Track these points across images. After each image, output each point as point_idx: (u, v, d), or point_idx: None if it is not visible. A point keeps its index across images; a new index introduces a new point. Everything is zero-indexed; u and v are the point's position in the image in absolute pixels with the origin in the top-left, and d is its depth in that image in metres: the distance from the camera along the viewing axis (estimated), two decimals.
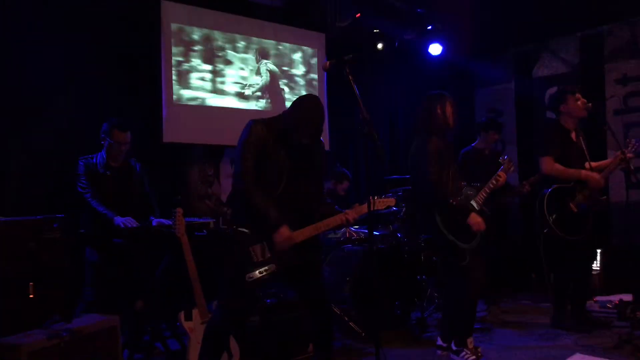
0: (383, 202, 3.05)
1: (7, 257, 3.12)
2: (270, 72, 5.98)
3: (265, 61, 5.94)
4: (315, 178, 3.07)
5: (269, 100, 5.91)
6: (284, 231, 2.85)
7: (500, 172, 3.76)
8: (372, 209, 2.80)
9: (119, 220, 3.66)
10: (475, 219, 3.55)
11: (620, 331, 4.14)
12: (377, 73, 6.91)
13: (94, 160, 3.90)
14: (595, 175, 4.18)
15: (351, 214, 3.00)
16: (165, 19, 5.17)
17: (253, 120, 2.96)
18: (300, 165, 2.97)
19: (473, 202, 3.68)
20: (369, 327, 4.24)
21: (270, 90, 5.97)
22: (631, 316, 4.26)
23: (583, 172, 4.18)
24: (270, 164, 2.90)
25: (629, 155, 4.26)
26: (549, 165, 4.22)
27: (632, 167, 4.24)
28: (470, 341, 3.70)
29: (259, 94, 5.87)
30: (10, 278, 3.14)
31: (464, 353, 3.68)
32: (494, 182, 3.74)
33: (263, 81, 5.92)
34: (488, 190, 3.74)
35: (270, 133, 2.92)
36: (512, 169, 3.86)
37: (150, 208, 4.01)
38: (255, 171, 2.87)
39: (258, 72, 5.88)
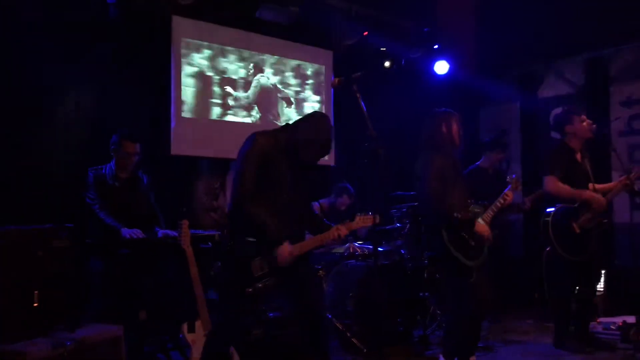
0: (366, 220, 3.05)
1: (14, 264, 3.15)
2: (278, 88, 6.05)
3: (273, 77, 6.01)
4: (309, 191, 3.10)
5: (275, 115, 5.97)
6: (287, 247, 2.87)
7: (507, 192, 3.77)
8: (356, 227, 2.84)
9: (125, 232, 3.68)
10: (482, 227, 3.56)
11: (624, 353, 4.12)
12: (383, 91, 6.96)
13: (103, 171, 3.94)
14: (600, 197, 4.18)
15: (342, 229, 3.03)
16: (175, 34, 5.24)
17: (256, 133, 2.99)
18: (299, 179, 3.00)
19: (480, 220, 3.69)
20: (371, 343, 4.24)
21: (278, 105, 6.02)
22: (634, 338, 4.24)
23: (586, 192, 4.19)
24: (272, 177, 2.92)
25: (634, 180, 4.28)
26: (553, 184, 4.23)
27: (636, 189, 4.26)
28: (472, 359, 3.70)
29: (265, 108, 5.92)
30: (17, 285, 3.16)
31: None
32: (501, 200, 3.75)
33: (270, 97, 5.98)
34: (495, 209, 3.74)
35: (274, 146, 2.94)
36: (519, 188, 3.86)
37: (156, 219, 4.04)
38: (257, 183, 2.88)
39: (266, 88, 5.94)
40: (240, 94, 5.73)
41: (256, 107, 5.86)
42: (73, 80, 4.55)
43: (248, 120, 5.77)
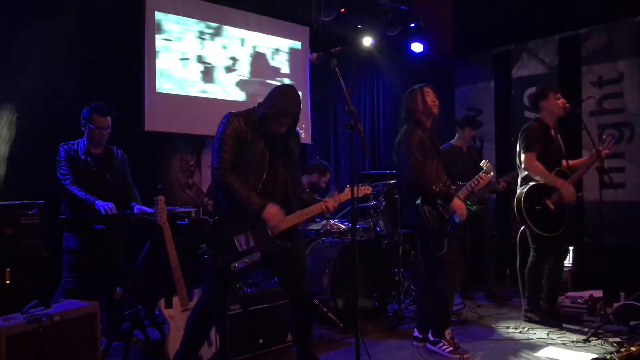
0: (362, 190, 3.27)
1: None
2: (253, 63, 5.97)
3: (248, 52, 5.93)
4: (293, 166, 3.12)
5: (251, 91, 5.90)
6: (272, 207, 2.88)
7: (482, 175, 3.85)
8: (355, 196, 2.87)
9: (100, 204, 3.62)
10: (458, 204, 3.63)
11: (590, 326, 4.27)
12: (359, 69, 6.95)
13: (75, 146, 3.86)
14: (571, 189, 4.26)
15: (330, 202, 3.12)
16: (149, 7, 5.12)
17: (230, 113, 3.00)
18: (279, 154, 3.02)
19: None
20: (347, 318, 4.29)
21: (253, 81, 5.96)
22: (601, 311, 4.40)
23: (559, 181, 4.27)
24: (250, 155, 2.93)
25: (605, 152, 4.38)
26: (531, 162, 4.30)
27: (606, 167, 4.36)
28: (448, 332, 3.78)
29: (241, 84, 5.85)
30: None
31: (441, 344, 3.75)
32: (474, 183, 3.83)
33: (246, 72, 5.91)
34: (469, 189, 3.83)
35: (248, 124, 2.96)
36: (491, 173, 3.94)
37: (131, 195, 3.98)
38: (235, 163, 2.90)
39: (241, 63, 5.86)
40: (216, 69, 5.64)
41: (231, 83, 5.78)
42: (41, 51, 4.41)
43: (223, 96, 5.69)
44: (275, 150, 3.01)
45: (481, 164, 3.95)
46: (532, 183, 4.34)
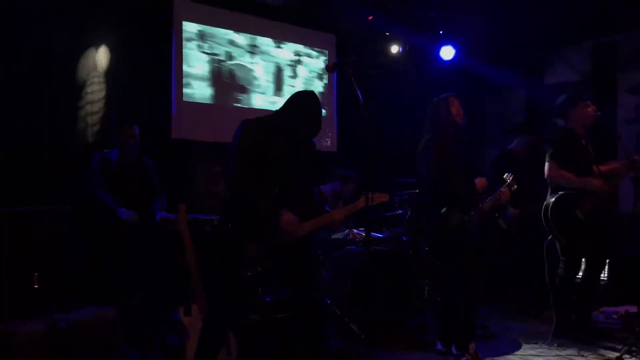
0: (377, 198, 3.10)
1: (14, 246, 3.15)
2: (279, 71, 6.00)
3: (274, 61, 5.96)
4: (308, 174, 3.08)
5: (278, 100, 5.92)
6: (286, 214, 2.85)
7: (503, 189, 3.76)
8: (370, 204, 2.82)
9: (122, 212, 3.68)
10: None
11: (625, 342, 4.09)
12: (388, 77, 6.90)
13: (109, 155, 3.96)
14: (596, 181, 4.11)
15: (336, 213, 3.06)
16: (177, 17, 5.21)
17: (246, 120, 2.98)
18: (296, 161, 2.99)
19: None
20: (370, 329, 4.23)
21: (279, 90, 5.98)
22: (636, 327, 4.21)
23: (585, 180, 4.12)
24: (267, 162, 2.91)
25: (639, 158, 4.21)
26: (553, 169, 4.17)
27: None
28: (472, 346, 3.68)
29: (267, 93, 5.88)
30: (16, 267, 3.17)
31: (465, 358, 3.65)
32: (496, 198, 3.75)
33: (272, 81, 5.93)
34: (489, 205, 3.74)
35: (265, 131, 2.94)
36: (515, 187, 3.84)
37: (159, 203, 4.04)
38: (251, 169, 2.88)
39: (267, 72, 5.89)
40: (242, 77, 5.69)
41: (257, 92, 5.81)
42: (74, 63, 4.53)
43: (249, 104, 5.73)
44: (293, 157, 2.99)
45: (504, 176, 3.86)
46: (560, 192, 4.21)
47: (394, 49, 6.61)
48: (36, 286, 3.46)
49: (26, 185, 4.15)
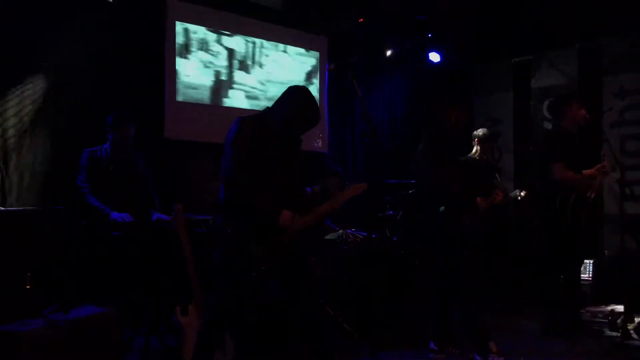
0: (357, 188, 3.08)
1: (5, 247, 3.12)
2: (271, 73, 6.01)
3: (266, 62, 5.97)
4: (298, 169, 3.10)
5: (270, 100, 5.92)
6: (286, 213, 2.86)
7: (497, 192, 3.86)
8: (347, 196, 2.90)
9: (114, 215, 3.66)
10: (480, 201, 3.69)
11: (611, 340, 4.18)
12: (376, 78, 6.95)
13: (99, 153, 3.90)
14: (592, 171, 4.28)
15: (334, 201, 3.06)
16: (170, 17, 5.19)
17: (241, 117, 2.98)
18: (288, 157, 3.00)
19: None
20: (363, 328, 4.26)
21: (272, 90, 5.99)
22: (622, 326, 4.30)
23: (587, 173, 4.27)
24: (262, 158, 2.89)
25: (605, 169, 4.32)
26: (562, 171, 4.21)
27: (626, 179, 4.30)
28: (492, 345, 3.73)
29: (260, 93, 5.89)
30: (8, 268, 3.14)
31: (491, 358, 3.70)
32: (490, 200, 3.84)
33: (264, 81, 5.94)
34: (487, 204, 3.83)
35: (260, 128, 2.93)
36: (520, 197, 4.06)
37: (152, 202, 4.02)
38: (250, 168, 2.86)
39: (258, 73, 5.90)
40: (234, 78, 5.69)
41: (249, 92, 5.82)
42: (65, 62, 4.50)
43: (241, 105, 5.73)
44: (287, 154, 3.00)
45: (494, 182, 3.98)
46: (559, 194, 4.24)
47: (384, 51, 6.66)
48: (28, 287, 3.44)
49: (21, 186, 4.12)
